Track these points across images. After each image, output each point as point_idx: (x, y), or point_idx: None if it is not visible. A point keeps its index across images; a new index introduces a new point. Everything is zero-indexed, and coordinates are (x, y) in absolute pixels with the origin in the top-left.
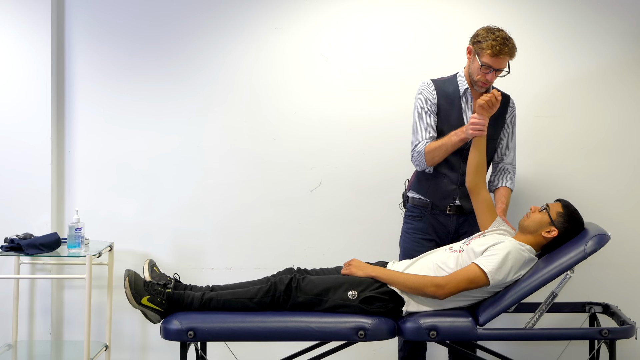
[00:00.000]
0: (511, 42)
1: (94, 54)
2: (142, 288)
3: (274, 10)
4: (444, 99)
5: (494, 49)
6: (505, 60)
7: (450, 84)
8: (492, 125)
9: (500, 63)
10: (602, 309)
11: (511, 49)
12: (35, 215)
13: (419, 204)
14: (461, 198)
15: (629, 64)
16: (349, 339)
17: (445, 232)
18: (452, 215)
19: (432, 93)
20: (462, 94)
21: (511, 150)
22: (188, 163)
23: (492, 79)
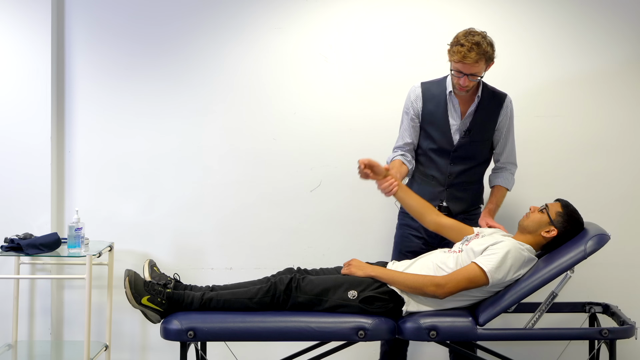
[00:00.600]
0: (482, 48)
1: (94, 54)
2: (142, 288)
3: (274, 10)
4: (430, 101)
5: (459, 55)
6: (475, 66)
7: (438, 86)
8: (480, 126)
9: (469, 69)
10: (602, 309)
11: (480, 54)
12: (35, 215)
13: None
14: (449, 200)
15: (630, 64)
16: (349, 339)
17: (433, 233)
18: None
19: (417, 97)
20: (448, 96)
21: (509, 148)
22: (188, 163)
23: (466, 83)
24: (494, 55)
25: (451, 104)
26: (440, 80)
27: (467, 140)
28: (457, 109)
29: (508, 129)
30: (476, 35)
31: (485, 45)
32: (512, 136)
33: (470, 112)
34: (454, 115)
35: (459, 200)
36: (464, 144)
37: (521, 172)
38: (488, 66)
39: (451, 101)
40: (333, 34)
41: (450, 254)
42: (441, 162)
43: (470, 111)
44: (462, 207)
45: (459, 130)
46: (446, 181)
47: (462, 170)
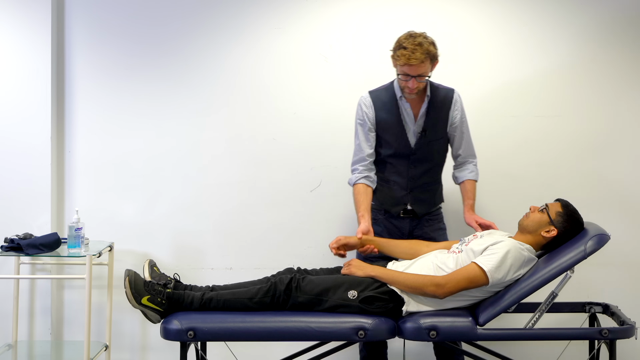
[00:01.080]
0: (425, 47)
1: (94, 54)
2: (142, 288)
3: (275, 11)
4: (382, 109)
5: (404, 58)
6: (422, 66)
7: (387, 92)
8: (435, 125)
9: (416, 70)
10: (602, 309)
11: (424, 54)
12: (35, 215)
13: (374, 207)
14: (413, 203)
15: (629, 64)
16: (349, 339)
17: (400, 234)
18: (405, 218)
19: (368, 106)
20: (399, 101)
21: (466, 141)
22: (188, 163)
23: (414, 85)
24: (437, 53)
25: (403, 109)
26: (388, 86)
27: (424, 141)
28: (409, 112)
29: (461, 123)
30: (417, 37)
31: (428, 45)
32: (467, 129)
33: (422, 113)
34: (407, 119)
35: (423, 201)
36: (421, 146)
37: (521, 172)
38: (433, 65)
39: (402, 106)
40: (333, 34)
41: (450, 254)
42: (401, 167)
43: (423, 112)
44: (426, 209)
45: (415, 132)
46: (408, 185)
47: (423, 172)
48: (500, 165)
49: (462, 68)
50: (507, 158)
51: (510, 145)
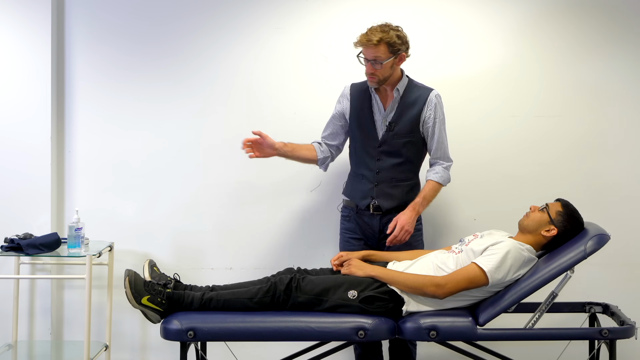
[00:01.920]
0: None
1: (94, 54)
2: (142, 288)
3: (274, 11)
4: (357, 99)
5: (360, 38)
6: (377, 50)
7: (364, 84)
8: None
9: (370, 53)
10: (602, 309)
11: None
12: (35, 215)
13: (347, 204)
14: (378, 197)
15: (629, 64)
16: (349, 339)
17: (371, 231)
18: (375, 215)
19: (344, 96)
20: (372, 92)
21: (438, 143)
22: (188, 163)
23: (368, 69)
24: (400, 47)
25: (374, 100)
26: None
27: (390, 134)
28: (379, 104)
29: (434, 124)
30: (385, 26)
31: (390, 32)
32: (442, 131)
33: (390, 106)
34: (377, 111)
35: (389, 197)
36: (387, 139)
37: (521, 172)
38: (398, 59)
39: (374, 97)
40: (333, 34)
41: (449, 254)
42: (368, 159)
43: (391, 105)
44: (393, 204)
45: (382, 124)
46: (374, 178)
47: (391, 166)
48: (500, 165)
49: (461, 68)
50: (507, 158)
51: (510, 145)
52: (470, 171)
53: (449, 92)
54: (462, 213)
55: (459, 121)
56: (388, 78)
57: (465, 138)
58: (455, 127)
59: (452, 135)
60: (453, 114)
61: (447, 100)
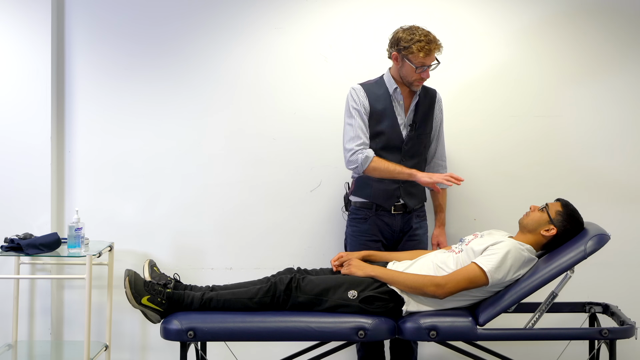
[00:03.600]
0: (432, 35)
1: (94, 54)
2: (142, 288)
3: (275, 11)
4: (375, 101)
5: (425, 50)
6: (433, 57)
7: (379, 86)
8: (422, 120)
9: (432, 59)
10: (602, 309)
11: (437, 41)
12: (35, 215)
13: (363, 206)
14: (404, 196)
15: (629, 63)
16: (349, 339)
17: (390, 232)
18: (396, 215)
19: (363, 96)
20: (392, 94)
21: (441, 145)
22: (188, 163)
23: (427, 75)
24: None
25: (396, 101)
26: (379, 81)
27: (414, 133)
28: (401, 105)
29: (440, 124)
30: (419, 29)
31: (432, 33)
32: (443, 132)
33: (412, 106)
34: (400, 111)
35: (413, 196)
36: (412, 138)
37: (521, 172)
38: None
39: (396, 98)
40: (333, 34)
41: (449, 254)
42: (393, 159)
43: (413, 106)
44: (415, 203)
45: (406, 125)
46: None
47: (413, 165)
48: (500, 165)
49: (461, 68)
50: (507, 158)
51: (510, 145)
52: (470, 171)
53: (449, 93)
54: (462, 213)
55: (459, 121)
56: None
57: (465, 138)
58: (455, 127)
59: (453, 135)
60: (453, 114)
61: (448, 100)
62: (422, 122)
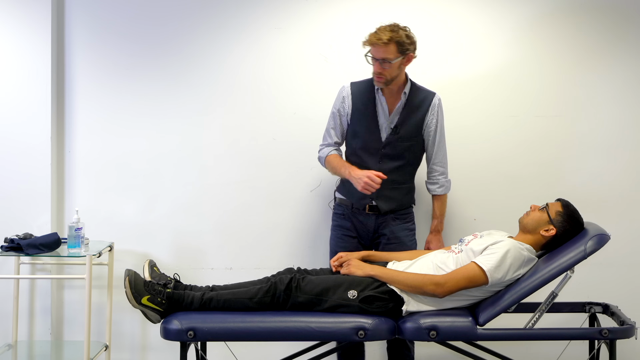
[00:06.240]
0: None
1: (94, 54)
2: (142, 288)
3: (275, 11)
4: (360, 99)
5: (370, 37)
6: (386, 50)
7: (367, 85)
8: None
9: (380, 52)
10: (602, 309)
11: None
12: (35, 215)
13: (342, 202)
14: (378, 199)
15: (629, 63)
16: (349, 339)
17: (366, 231)
18: (371, 215)
19: (346, 96)
20: (376, 93)
21: (438, 150)
22: (188, 163)
23: (377, 69)
24: (409, 47)
25: (379, 101)
26: (370, 79)
27: (394, 137)
28: (384, 106)
29: (436, 128)
30: (394, 26)
31: (400, 32)
32: (442, 137)
33: (397, 109)
34: (382, 113)
35: (389, 199)
36: (391, 142)
37: (521, 172)
38: (405, 57)
39: (379, 98)
40: (333, 34)
41: (449, 254)
42: (370, 161)
43: (397, 108)
44: (391, 206)
45: (387, 127)
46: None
47: (392, 169)
48: (500, 165)
49: (462, 68)
50: (507, 158)
51: (510, 145)
52: (470, 171)
53: (449, 93)
54: (462, 213)
55: (460, 121)
56: (395, 78)
57: (465, 138)
58: (455, 127)
59: (453, 135)
60: (454, 114)
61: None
62: (407, 126)
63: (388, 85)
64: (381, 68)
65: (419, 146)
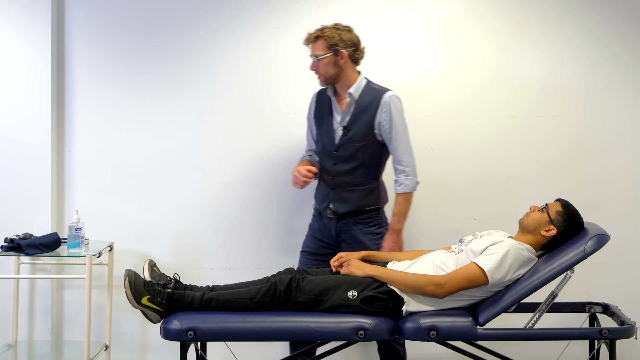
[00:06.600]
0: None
1: (94, 54)
2: (142, 288)
3: (275, 11)
4: (320, 104)
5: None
6: (315, 47)
7: (331, 88)
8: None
9: (313, 50)
10: (602, 309)
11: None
12: (35, 215)
13: (314, 205)
14: (334, 201)
15: (629, 63)
16: (349, 339)
17: (329, 234)
18: (332, 218)
19: (312, 102)
20: (331, 94)
21: (397, 147)
22: (188, 163)
23: (312, 67)
24: (338, 42)
25: (333, 104)
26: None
27: (346, 138)
28: (337, 108)
29: (391, 127)
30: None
31: (330, 29)
32: (400, 134)
33: (346, 110)
34: (336, 115)
35: (345, 201)
36: (343, 143)
37: (521, 172)
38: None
39: (333, 101)
40: None
41: (449, 254)
42: (328, 163)
43: (347, 109)
44: (348, 209)
45: (339, 129)
46: (332, 182)
47: (347, 171)
48: (500, 165)
49: (462, 68)
50: (507, 158)
51: (510, 146)
52: (470, 171)
53: (449, 93)
54: (462, 213)
55: (460, 121)
56: (333, 77)
57: (465, 138)
58: (455, 127)
59: (453, 135)
60: (454, 114)
61: (448, 101)
62: (358, 127)
63: (329, 84)
64: (315, 66)
65: (373, 147)
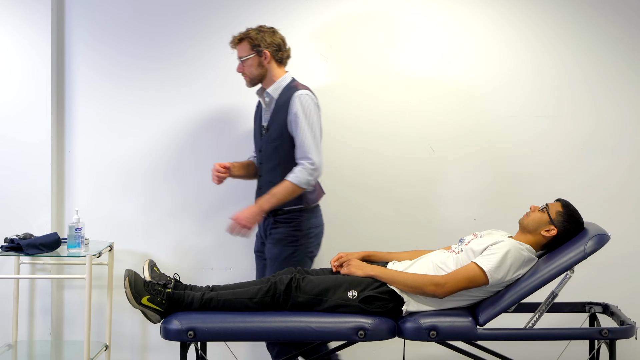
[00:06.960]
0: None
1: (94, 54)
2: (142, 288)
3: (274, 11)
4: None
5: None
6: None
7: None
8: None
9: (237, 52)
10: (602, 309)
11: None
12: (35, 215)
13: None
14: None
15: (629, 63)
16: (349, 339)
17: (262, 234)
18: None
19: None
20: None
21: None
22: (188, 163)
23: (239, 69)
24: (260, 43)
25: (262, 104)
26: None
27: (265, 138)
28: (264, 109)
29: (296, 123)
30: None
31: (253, 31)
32: (304, 130)
33: (267, 109)
34: (263, 116)
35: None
36: (264, 143)
37: (521, 172)
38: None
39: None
40: (333, 34)
41: (449, 254)
42: (257, 163)
43: (266, 108)
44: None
45: (263, 129)
46: (260, 181)
47: (268, 170)
48: (500, 165)
49: (462, 68)
50: (507, 158)
51: (510, 146)
52: (470, 171)
53: (449, 92)
54: (462, 213)
55: (460, 121)
56: (258, 77)
57: (465, 138)
58: (455, 127)
59: (453, 135)
60: (454, 114)
61: (447, 99)
62: (275, 126)
63: (255, 84)
64: (240, 67)
65: (289, 146)
